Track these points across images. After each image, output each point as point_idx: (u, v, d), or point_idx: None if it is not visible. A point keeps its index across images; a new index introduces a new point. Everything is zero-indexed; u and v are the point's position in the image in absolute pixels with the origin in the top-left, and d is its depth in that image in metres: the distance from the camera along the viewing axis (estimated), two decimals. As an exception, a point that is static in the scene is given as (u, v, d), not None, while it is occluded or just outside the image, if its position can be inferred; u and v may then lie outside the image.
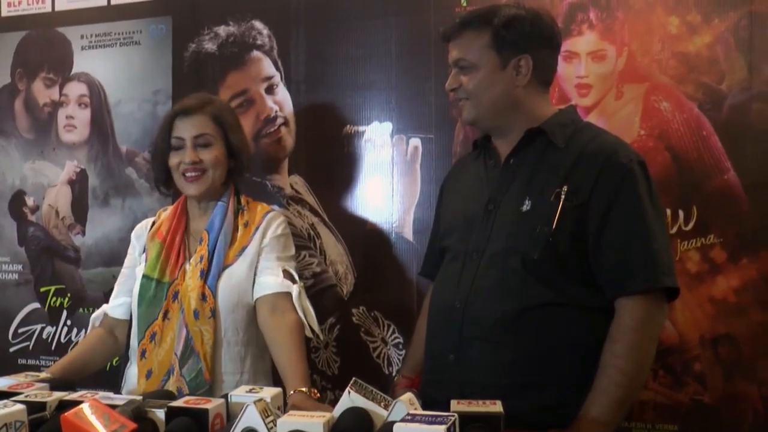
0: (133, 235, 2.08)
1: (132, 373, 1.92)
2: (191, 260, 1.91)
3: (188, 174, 1.91)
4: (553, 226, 1.57)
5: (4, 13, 2.83)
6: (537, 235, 1.58)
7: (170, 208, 2.04)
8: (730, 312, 1.98)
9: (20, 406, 1.27)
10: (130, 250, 2.08)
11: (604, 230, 1.57)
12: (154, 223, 2.03)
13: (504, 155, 1.73)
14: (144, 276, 1.92)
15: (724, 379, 1.98)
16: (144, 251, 1.99)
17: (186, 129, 1.92)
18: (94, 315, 2.05)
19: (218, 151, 1.93)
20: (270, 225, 1.96)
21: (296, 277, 1.92)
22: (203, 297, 1.85)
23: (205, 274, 1.87)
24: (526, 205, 1.62)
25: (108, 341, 2.01)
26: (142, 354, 1.88)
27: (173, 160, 1.93)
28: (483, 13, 1.70)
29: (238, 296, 1.88)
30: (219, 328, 1.86)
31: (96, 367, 1.99)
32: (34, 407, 1.32)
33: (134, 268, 2.01)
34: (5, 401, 1.29)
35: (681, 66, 2.03)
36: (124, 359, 1.99)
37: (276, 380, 1.88)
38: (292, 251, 1.99)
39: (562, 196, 1.58)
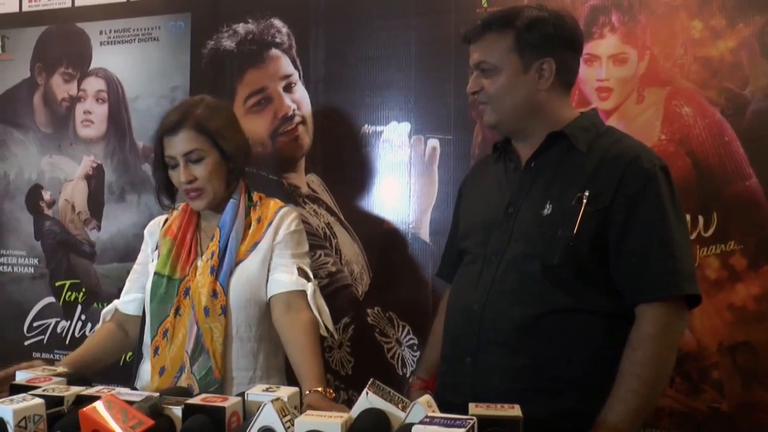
0: (146, 231, 2.08)
1: (144, 370, 1.92)
2: (202, 257, 1.91)
3: (189, 193, 1.91)
4: (574, 231, 1.55)
5: (25, 8, 2.85)
6: (557, 240, 1.57)
7: (182, 206, 2.04)
8: (749, 319, 1.96)
9: (39, 400, 1.28)
10: (143, 247, 2.08)
11: (626, 236, 1.56)
12: (166, 220, 2.04)
13: (525, 158, 1.71)
14: (156, 273, 1.92)
15: (742, 387, 1.97)
16: (156, 248, 1.99)
17: (174, 147, 1.88)
18: (105, 310, 2.05)
19: (211, 164, 1.89)
20: (283, 221, 1.95)
21: (311, 274, 1.91)
22: (214, 294, 1.84)
23: (215, 271, 1.86)
24: (547, 209, 1.61)
25: (118, 336, 2.01)
26: (156, 351, 1.88)
27: (173, 178, 1.93)
28: (505, 15, 1.68)
29: (250, 292, 1.87)
30: (230, 324, 1.85)
31: (106, 362, 1.99)
32: (52, 401, 1.32)
33: (146, 264, 2.02)
34: (24, 395, 1.31)
35: (703, 71, 2.01)
36: (137, 356, 1.99)
37: (289, 377, 1.88)
38: (306, 248, 1.99)
39: (584, 201, 1.56)
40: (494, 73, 1.67)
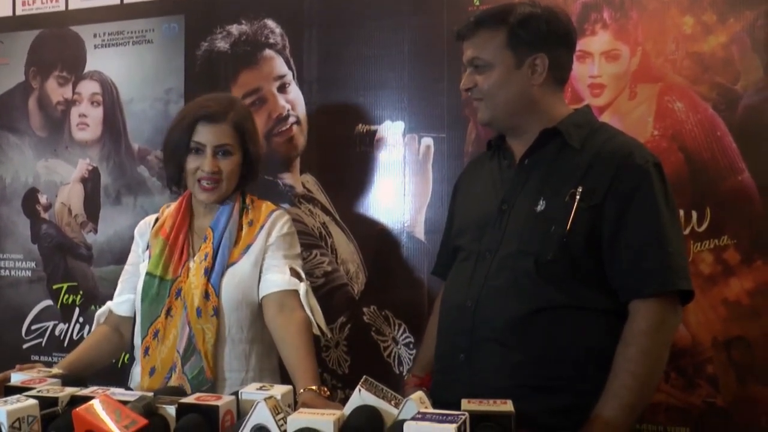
0: (136, 231, 2.08)
1: (137, 371, 1.92)
2: (195, 258, 1.91)
3: (204, 182, 1.90)
4: (567, 227, 1.56)
5: (19, 12, 2.85)
6: (551, 236, 1.57)
7: (173, 205, 2.03)
8: (744, 314, 1.96)
9: (33, 401, 1.28)
10: (133, 247, 2.08)
11: (619, 232, 1.56)
12: (157, 220, 2.03)
13: (519, 155, 1.72)
14: (147, 273, 1.92)
15: (737, 382, 1.97)
16: (147, 248, 1.99)
17: (207, 136, 1.89)
18: (98, 312, 2.05)
19: (236, 162, 1.93)
20: (275, 224, 1.95)
21: (303, 275, 1.91)
22: (206, 295, 1.85)
23: (209, 272, 1.87)
24: (541, 206, 1.61)
25: (113, 338, 2.01)
26: (146, 351, 1.88)
27: (191, 164, 1.91)
28: (498, 11, 1.69)
29: (242, 294, 1.87)
30: (222, 326, 1.86)
31: (102, 364, 2.00)
32: (46, 402, 1.33)
33: (138, 265, 2.01)
34: (18, 396, 1.31)
35: (695, 66, 2.02)
36: (132, 358, 1.99)
37: (283, 379, 1.87)
38: (298, 250, 1.99)
39: (577, 197, 1.57)
40: (487, 69, 1.68)
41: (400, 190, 2.34)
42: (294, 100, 2.46)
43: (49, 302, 2.79)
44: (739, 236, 1.97)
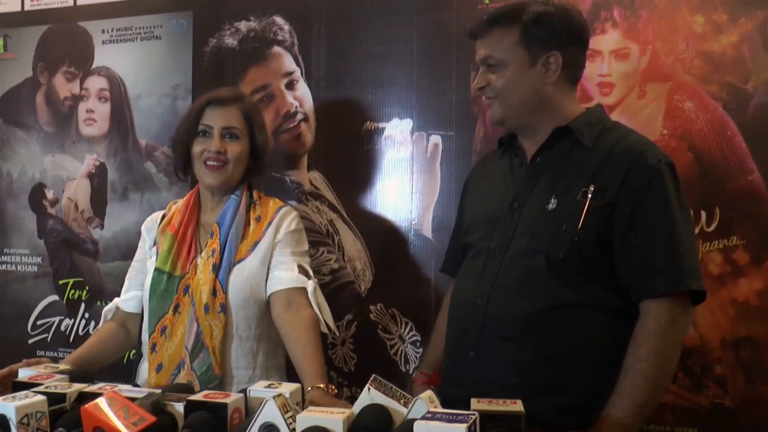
0: (143, 228, 2.09)
1: (144, 368, 1.92)
2: (203, 254, 1.91)
3: (210, 162, 1.91)
4: (579, 226, 1.55)
5: (27, 7, 2.85)
6: (562, 234, 1.57)
7: (181, 201, 2.04)
8: (752, 315, 1.95)
9: (41, 397, 1.28)
10: (140, 244, 2.08)
11: (631, 231, 1.55)
12: (164, 216, 2.03)
13: (530, 154, 1.71)
14: (156, 269, 1.92)
15: (745, 383, 1.96)
16: (154, 244, 1.99)
17: (215, 118, 1.93)
18: (106, 308, 2.05)
19: (243, 147, 1.94)
20: (283, 220, 1.95)
21: (311, 272, 1.91)
22: (214, 292, 1.85)
23: (216, 269, 1.87)
24: (552, 204, 1.61)
25: (120, 334, 2.01)
26: (153, 347, 1.88)
27: (197, 147, 1.93)
28: (511, 10, 1.68)
29: (250, 291, 1.87)
30: (230, 322, 1.86)
31: (108, 360, 2.00)
32: (54, 398, 1.32)
33: (145, 261, 2.02)
34: (26, 392, 1.30)
35: (705, 65, 2.01)
36: (138, 354, 1.99)
37: (290, 377, 1.87)
38: (306, 246, 1.99)
39: (589, 196, 1.56)
40: (501, 68, 1.67)
41: (407, 187, 2.33)
42: (302, 97, 2.46)
43: (55, 297, 2.79)
44: (748, 236, 1.96)
